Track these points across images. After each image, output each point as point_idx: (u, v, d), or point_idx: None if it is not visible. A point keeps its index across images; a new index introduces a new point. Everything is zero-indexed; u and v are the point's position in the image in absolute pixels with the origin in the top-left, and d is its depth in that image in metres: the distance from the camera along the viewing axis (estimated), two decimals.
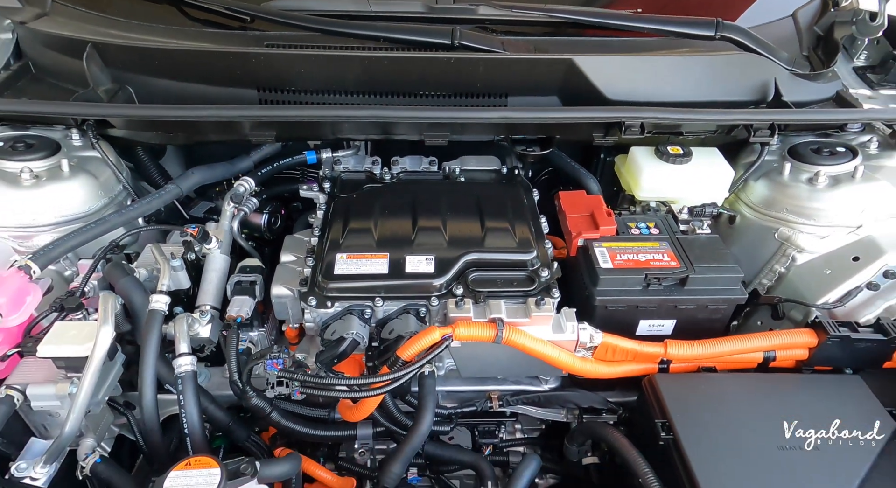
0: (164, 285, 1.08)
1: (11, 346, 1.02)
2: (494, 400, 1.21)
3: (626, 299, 1.12)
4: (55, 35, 1.32)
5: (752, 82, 1.35)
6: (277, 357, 0.97)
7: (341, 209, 1.24)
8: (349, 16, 1.38)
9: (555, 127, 1.30)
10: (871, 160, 1.27)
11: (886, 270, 1.16)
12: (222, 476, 0.81)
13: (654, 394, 1.05)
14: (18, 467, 0.96)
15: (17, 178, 1.16)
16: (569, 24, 1.38)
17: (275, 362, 0.97)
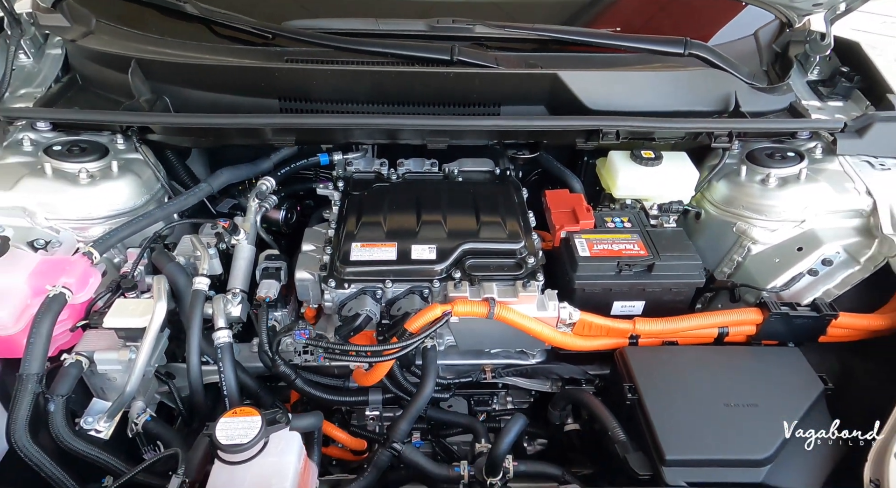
0: (204, 270, 1.26)
1: (77, 321, 1.20)
2: (488, 373, 1.39)
3: (601, 283, 1.30)
4: (102, 51, 1.49)
5: (716, 94, 1.52)
6: (304, 328, 1.15)
7: (354, 205, 1.42)
8: (359, 34, 1.55)
9: (542, 133, 1.48)
10: (815, 164, 1.45)
11: (824, 258, 1.34)
12: (262, 422, 0.99)
13: (624, 364, 1.23)
14: (86, 421, 1.14)
15: (76, 178, 1.33)
16: (555, 42, 1.55)
17: (302, 332, 1.15)
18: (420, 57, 1.48)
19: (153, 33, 1.55)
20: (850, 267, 1.33)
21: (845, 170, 1.42)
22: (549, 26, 1.54)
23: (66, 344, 1.20)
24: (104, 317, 1.16)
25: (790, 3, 1.43)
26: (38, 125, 1.41)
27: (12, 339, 1.10)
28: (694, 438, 1.08)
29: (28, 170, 1.32)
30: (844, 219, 1.37)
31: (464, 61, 1.45)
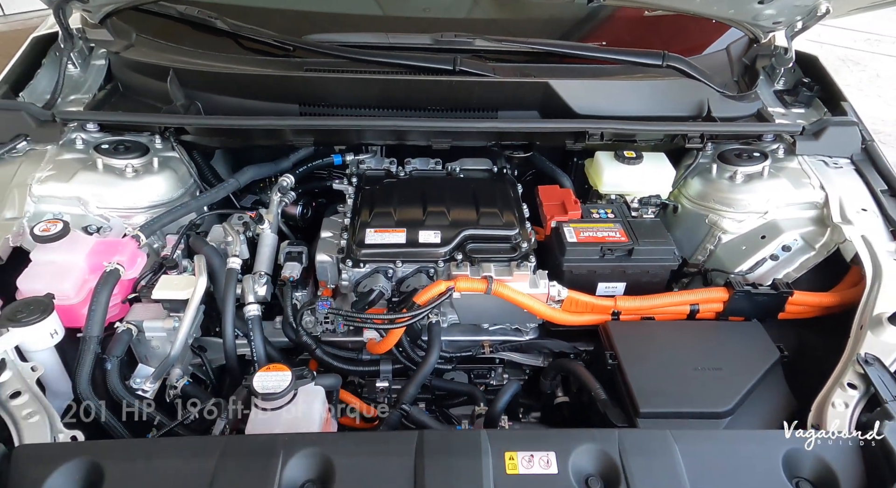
0: (237, 252, 1.43)
1: (125, 296, 1.37)
2: (486, 348, 1.55)
3: (586, 265, 1.47)
4: (142, 62, 1.67)
5: (690, 101, 1.70)
6: (326, 300, 1.32)
7: (367, 197, 1.59)
8: (371, 47, 1.71)
9: (535, 135, 1.65)
10: (777, 162, 1.62)
11: (784, 245, 1.51)
12: (292, 376, 1.15)
13: (606, 336, 1.39)
14: (135, 381, 1.30)
15: (123, 173, 1.50)
16: (546, 54, 1.72)
17: (324, 303, 1.32)
18: (426, 67, 1.64)
19: (187, 46, 1.72)
20: (807, 252, 1.50)
21: (803, 168, 1.59)
22: (542, 40, 1.72)
23: (115, 317, 1.37)
24: (152, 291, 1.33)
25: (755, 21, 1.62)
26: (87, 126, 1.58)
27: (73, 309, 1.27)
28: (665, 395, 1.24)
29: (82, 166, 1.49)
30: (801, 210, 1.54)
31: (465, 71, 1.63)
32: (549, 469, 1.01)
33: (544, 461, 1.02)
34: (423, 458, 1.00)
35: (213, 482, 0.94)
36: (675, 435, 1.05)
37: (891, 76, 5.52)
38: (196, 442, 1.15)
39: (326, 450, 1.00)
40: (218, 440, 1.10)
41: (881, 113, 4.89)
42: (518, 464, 1.01)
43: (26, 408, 1.04)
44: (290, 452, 0.99)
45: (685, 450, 1.02)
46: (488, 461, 1.00)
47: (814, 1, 1.48)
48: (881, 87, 5.34)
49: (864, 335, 1.21)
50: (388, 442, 1.07)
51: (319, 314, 1.42)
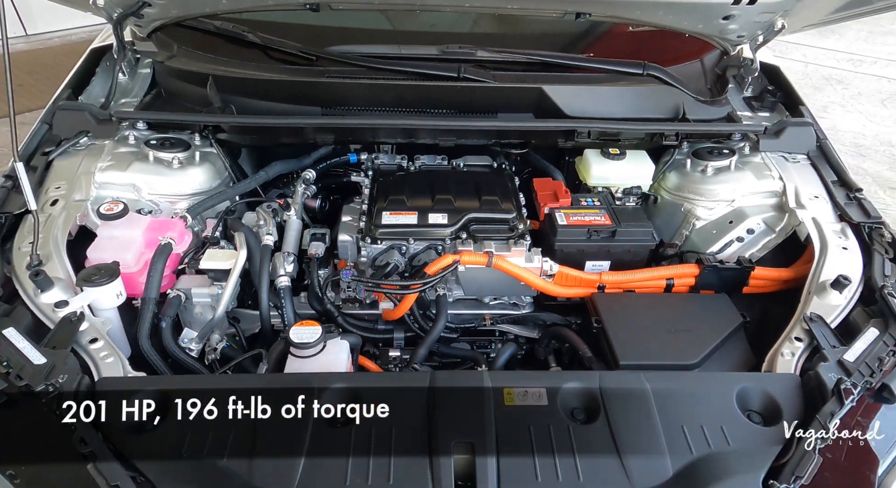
0: (270, 233, 1.64)
1: (174, 268, 1.57)
2: (487, 320, 1.75)
3: (575, 245, 1.67)
4: (184, 70, 1.90)
5: (668, 105, 1.92)
6: (349, 270, 1.53)
7: (382, 187, 1.80)
8: (385, 57, 1.93)
9: (530, 133, 1.87)
10: (743, 158, 1.84)
11: (749, 229, 1.72)
12: (322, 330, 1.35)
13: (593, 305, 1.59)
14: (183, 340, 1.50)
15: (170, 164, 1.71)
16: (540, 64, 1.95)
17: (348, 272, 1.53)
18: (433, 74, 1.85)
19: (223, 56, 1.95)
20: (769, 235, 1.70)
21: (765, 163, 1.80)
22: (536, 51, 1.94)
23: (164, 287, 1.57)
24: (197, 264, 1.53)
25: (722, 35, 1.85)
26: (138, 125, 1.79)
27: (132, 277, 1.47)
28: (641, 350, 1.44)
29: (135, 158, 1.70)
30: (764, 198, 1.75)
31: (468, 78, 1.84)
32: (540, 401, 1.20)
33: (536, 395, 1.22)
34: (435, 391, 1.19)
35: (262, 405, 1.13)
36: (646, 376, 1.25)
37: (871, 94, 5.79)
38: (245, 377, 1.35)
39: (354, 385, 1.20)
40: (263, 376, 1.30)
41: (862, 128, 5.14)
42: (514, 398, 1.21)
43: (102, 352, 1.24)
44: (323, 388, 1.19)
45: (655, 388, 1.22)
46: (489, 394, 1.19)
47: (770, 18, 1.71)
48: (862, 103, 5.60)
49: (811, 299, 1.41)
50: (406, 380, 1.26)
51: (343, 282, 1.62)
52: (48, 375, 1.11)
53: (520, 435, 1.14)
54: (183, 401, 1.14)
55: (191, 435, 1.10)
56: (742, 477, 1.06)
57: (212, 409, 1.14)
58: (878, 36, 7.43)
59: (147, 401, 1.14)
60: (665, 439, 1.14)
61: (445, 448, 1.10)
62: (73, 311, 1.28)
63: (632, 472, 1.09)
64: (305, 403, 1.15)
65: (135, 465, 1.04)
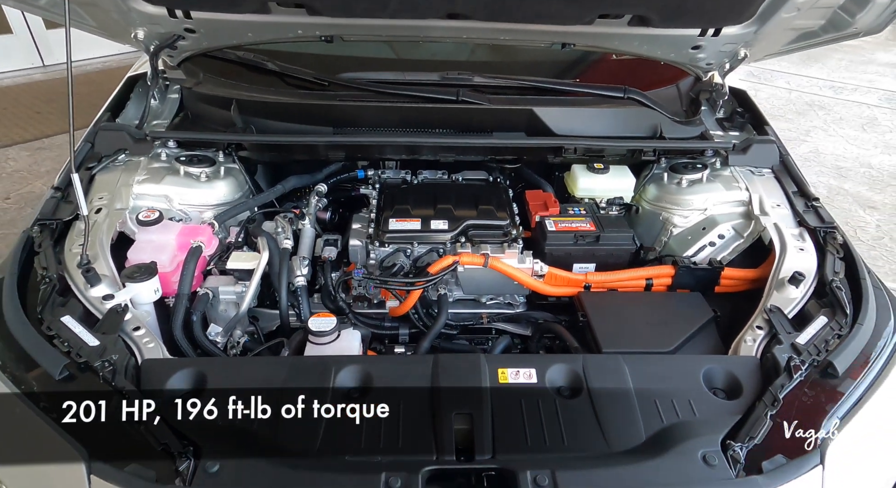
0: (287, 238, 1.82)
1: (203, 269, 1.75)
2: (484, 319, 1.92)
3: (563, 248, 1.85)
4: (209, 95, 2.10)
5: (646, 125, 2.12)
6: (360, 269, 1.71)
7: (388, 198, 1.99)
8: (391, 82, 2.12)
9: (521, 150, 2.07)
10: (714, 172, 2.03)
11: (720, 234, 1.90)
12: (337, 321, 1.52)
13: (579, 301, 1.76)
14: (210, 334, 1.67)
15: (198, 178, 1.91)
16: (531, 88, 2.15)
17: (359, 271, 1.71)
18: (434, 97, 2.04)
19: (244, 82, 2.16)
20: (737, 240, 1.88)
21: (734, 176, 1.99)
22: (527, 77, 2.15)
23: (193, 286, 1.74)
24: (224, 264, 1.71)
25: (692, 63, 2.06)
26: (169, 143, 1.99)
27: (166, 276, 1.64)
28: (621, 340, 1.60)
29: (168, 172, 1.89)
30: (732, 207, 1.93)
31: (465, 101, 2.03)
32: (530, 380, 1.36)
33: (527, 375, 1.38)
34: (438, 371, 1.35)
35: (285, 390, 1.29)
36: (624, 359, 1.41)
37: (852, 119, 6.05)
38: (271, 359, 1.51)
39: (365, 367, 1.37)
40: (286, 359, 1.47)
41: (843, 151, 5.38)
42: (507, 376, 1.37)
43: (145, 338, 1.40)
44: (339, 367, 1.35)
45: (632, 369, 1.38)
46: (486, 373, 1.35)
47: (733, 47, 1.93)
48: (843, 128, 5.85)
49: (772, 293, 1.59)
50: (411, 362, 1.43)
51: (355, 279, 1.80)
52: (102, 354, 1.28)
53: (512, 407, 1.30)
54: (216, 378, 1.31)
55: (223, 405, 1.26)
56: (704, 438, 1.22)
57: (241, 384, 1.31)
58: (858, 64, 7.75)
59: (185, 378, 1.31)
60: (639, 411, 1.29)
61: (447, 418, 1.24)
62: (119, 303, 1.45)
63: (610, 438, 1.25)
64: (323, 379, 1.31)
65: (177, 429, 1.20)
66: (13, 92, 6.07)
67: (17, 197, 4.36)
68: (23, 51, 6.44)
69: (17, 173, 4.68)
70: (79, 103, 4.49)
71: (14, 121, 5.44)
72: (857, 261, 1.61)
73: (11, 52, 6.37)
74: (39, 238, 1.57)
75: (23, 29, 6.32)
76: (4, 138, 5.13)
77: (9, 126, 5.34)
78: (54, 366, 1.24)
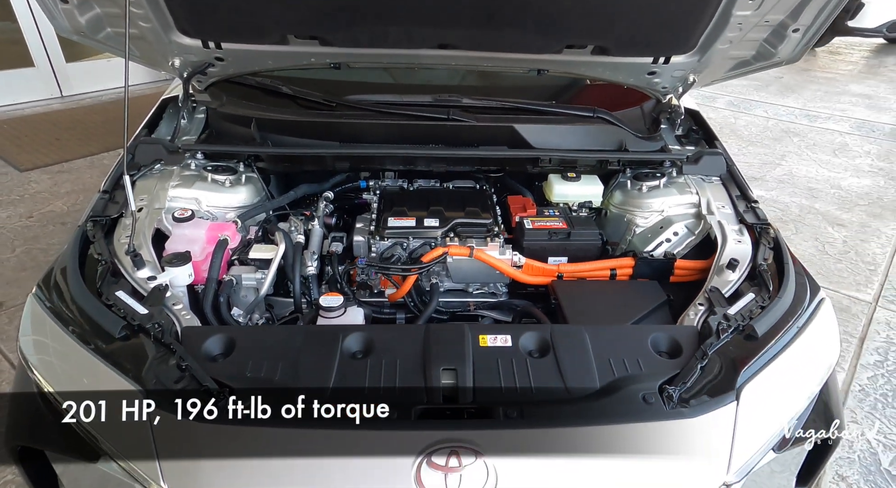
0: (300, 234, 2.11)
1: (227, 260, 2.03)
2: (471, 307, 2.19)
3: (539, 243, 2.14)
4: (232, 114, 2.42)
5: (613, 140, 2.42)
6: (363, 258, 2.00)
7: (388, 201, 2.28)
8: (390, 103, 2.44)
9: (504, 160, 2.37)
10: (670, 179, 2.33)
11: (675, 232, 2.18)
12: (344, 299, 1.80)
13: (552, 288, 2.04)
14: (233, 314, 1.94)
15: (223, 184, 2.21)
16: (513, 108, 2.47)
17: (363, 260, 1.99)
18: (428, 116, 2.36)
19: (262, 103, 2.48)
20: (690, 236, 2.17)
21: (687, 182, 2.29)
22: (509, 99, 2.47)
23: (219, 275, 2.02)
24: (247, 254, 2.00)
25: (650, 87, 2.39)
26: (197, 155, 2.29)
27: (197, 265, 1.91)
28: (586, 316, 1.88)
29: (197, 179, 2.19)
30: (685, 209, 2.22)
31: (455, 119, 2.35)
32: (506, 344, 1.63)
33: (503, 340, 1.65)
34: (430, 337, 1.62)
35: (302, 348, 1.55)
36: (585, 328, 1.69)
37: (824, 144, 6.42)
38: (289, 327, 1.78)
39: (368, 334, 1.64)
40: (302, 327, 1.74)
41: (815, 174, 5.71)
42: (487, 341, 1.63)
43: (183, 311, 1.67)
44: (346, 334, 1.62)
45: (591, 336, 1.65)
46: (468, 338, 1.62)
47: (683, 74, 2.26)
48: (816, 153, 6.20)
49: (713, 277, 1.87)
50: (407, 330, 1.70)
51: (359, 267, 2.08)
52: (150, 320, 1.55)
53: (490, 365, 1.56)
54: (244, 340, 1.58)
55: (251, 361, 1.53)
56: (646, 384, 1.49)
57: (264, 345, 1.58)
58: (832, 95, 8.17)
59: (218, 342, 1.58)
60: (595, 367, 1.56)
61: (436, 372, 1.50)
62: (160, 283, 1.73)
63: (570, 387, 1.51)
64: (332, 343, 1.58)
65: (214, 378, 1.46)
66: (34, 120, 6.42)
67: (39, 215, 4.65)
68: (43, 82, 6.83)
69: (38, 194, 4.98)
70: (95, 129, 5.03)
71: (35, 147, 5.77)
72: (784, 251, 1.90)
73: (33, 84, 6.76)
74: (93, 231, 1.85)
75: (44, 63, 6.72)
76: (27, 163, 5.46)
77: (30, 152, 5.67)
78: (114, 326, 1.52)
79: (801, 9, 1.85)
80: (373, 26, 2.01)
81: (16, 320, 3.25)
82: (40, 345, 1.58)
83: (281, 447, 1.34)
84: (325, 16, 1.98)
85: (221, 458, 1.33)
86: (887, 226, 4.77)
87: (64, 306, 1.60)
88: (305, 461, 1.34)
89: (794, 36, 1.95)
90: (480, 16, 1.91)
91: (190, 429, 1.34)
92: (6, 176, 5.18)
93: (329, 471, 1.32)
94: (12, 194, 4.89)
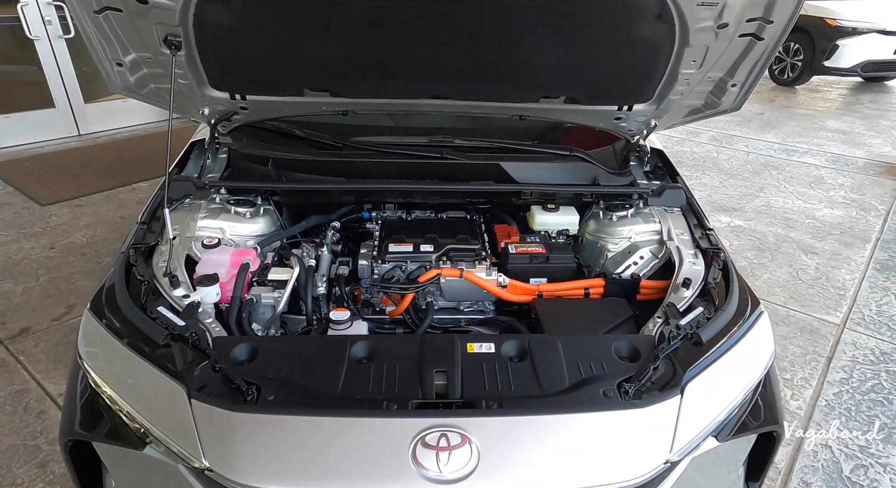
0: (311, 259, 2.41)
1: (248, 282, 2.32)
2: (463, 323, 2.47)
3: (521, 266, 2.43)
4: (251, 154, 2.74)
5: (587, 175, 2.75)
6: (366, 279, 2.29)
7: (388, 230, 2.59)
8: (391, 144, 2.77)
9: (491, 193, 2.69)
10: (637, 210, 2.64)
11: (641, 256, 2.48)
12: (351, 313, 2.09)
13: (533, 305, 2.33)
14: (253, 328, 2.22)
15: (244, 215, 2.52)
16: (499, 148, 2.80)
17: (366, 280, 2.29)
18: (425, 155, 2.70)
19: (277, 145, 2.81)
20: (653, 260, 2.46)
21: (651, 213, 2.59)
22: (496, 139, 2.81)
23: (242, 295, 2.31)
24: (266, 276, 2.29)
25: (618, 129, 2.73)
26: (221, 190, 2.61)
27: (223, 285, 2.20)
28: (561, 329, 2.16)
29: (222, 211, 2.50)
30: (650, 236, 2.52)
31: (448, 158, 2.68)
32: (490, 351, 1.91)
33: (488, 347, 1.92)
34: (424, 345, 1.90)
35: (316, 354, 1.83)
36: (559, 338, 1.97)
37: (801, 177, 6.78)
38: (304, 337, 2.06)
39: (372, 343, 1.92)
40: (315, 337, 2.02)
41: (792, 204, 6.05)
42: (474, 348, 1.91)
43: (213, 325, 1.95)
44: (353, 342, 1.90)
45: (563, 344, 1.92)
46: (458, 346, 1.89)
47: (645, 119, 2.59)
48: (794, 185, 6.55)
49: (670, 294, 2.16)
50: (405, 340, 1.98)
51: (363, 287, 2.37)
52: (187, 331, 1.84)
53: (476, 368, 1.82)
54: (266, 348, 1.86)
55: (273, 365, 1.80)
56: (606, 382, 1.76)
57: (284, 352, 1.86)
58: (810, 130, 8.59)
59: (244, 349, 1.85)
60: (566, 369, 1.84)
61: (430, 374, 1.77)
62: (193, 301, 2.02)
63: (543, 385, 1.78)
64: (342, 349, 1.86)
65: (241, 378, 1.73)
66: (53, 158, 6.79)
67: (61, 247, 4.95)
68: (62, 122, 7.24)
69: (59, 227, 5.30)
70: (111, 165, 5.50)
71: (55, 182, 6.12)
72: (731, 271, 2.19)
73: (53, 123, 7.17)
74: (135, 257, 2.15)
75: (64, 103, 7.14)
76: (48, 197, 5.79)
77: (51, 187, 6.01)
78: (159, 335, 1.80)
79: (735, 68, 2.20)
80: (376, 81, 2.36)
81: (41, 344, 3.54)
82: (94, 354, 1.86)
83: (300, 430, 1.60)
84: (335, 73, 2.32)
85: (251, 439, 1.59)
86: (857, 254, 5.07)
87: (115, 319, 1.88)
88: (320, 441, 1.60)
89: (733, 89, 2.30)
90: (467, 73, 2.25)
91: (224, 417, 1.61)
92: (29, 210, 5.51)
93: (340, 450, 1.58)
94: (35, 227, 5.21)
